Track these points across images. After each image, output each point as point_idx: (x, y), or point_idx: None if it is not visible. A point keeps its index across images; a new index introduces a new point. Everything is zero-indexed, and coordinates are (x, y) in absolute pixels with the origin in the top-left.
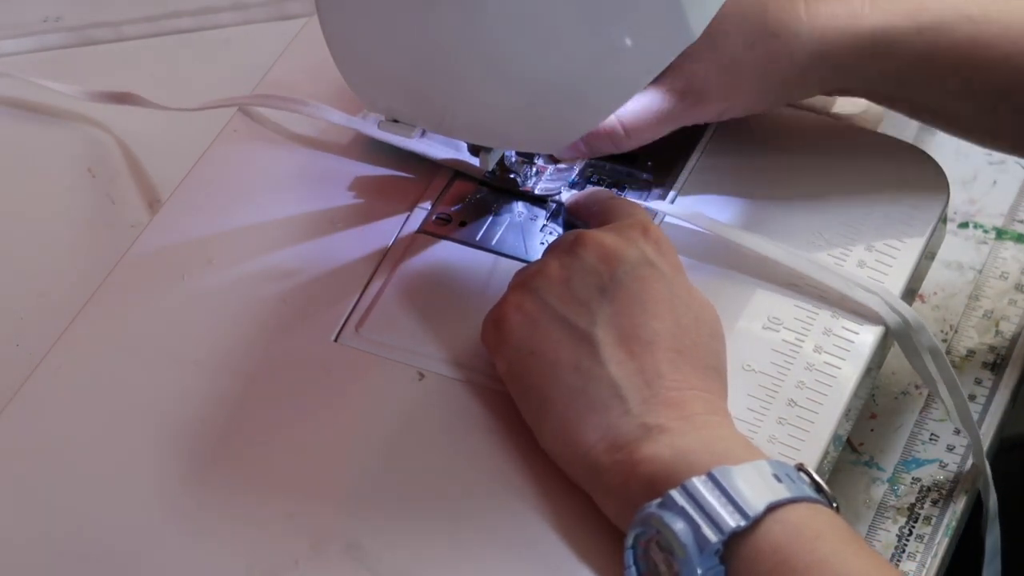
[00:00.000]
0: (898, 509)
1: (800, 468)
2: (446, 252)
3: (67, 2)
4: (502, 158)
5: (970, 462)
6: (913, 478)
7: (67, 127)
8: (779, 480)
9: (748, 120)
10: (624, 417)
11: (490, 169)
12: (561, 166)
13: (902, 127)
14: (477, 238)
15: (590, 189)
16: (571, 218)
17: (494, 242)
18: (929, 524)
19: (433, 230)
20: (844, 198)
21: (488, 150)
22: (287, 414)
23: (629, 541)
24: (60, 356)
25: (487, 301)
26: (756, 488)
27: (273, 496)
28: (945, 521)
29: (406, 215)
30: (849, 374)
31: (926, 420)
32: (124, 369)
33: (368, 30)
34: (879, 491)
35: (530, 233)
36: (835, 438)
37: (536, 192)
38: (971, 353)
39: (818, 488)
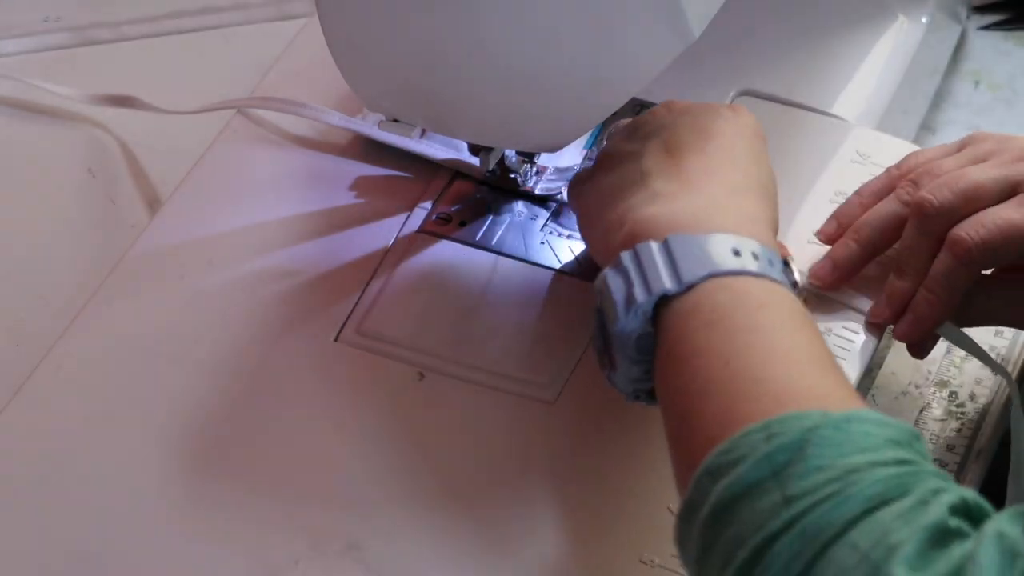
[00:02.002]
0: None
1: (786, 263)
2: (446, 252)
3: (67, 2)
4: (502, 158)
5: (971, 463)
6: None
7: (67, 128)
8: (738, 255)
9: None
10: (642, 191)
11: (490, 169)
12: (561, 166)
13: (901, 126)
14: (477, 238)
15: None
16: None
17: (494, 242)
18: None
19: (433, 230)
20: (843, 197)
21: (488, 150)
22: (287, 414)
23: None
24: (60, 356)
25: (487, 301)
26: (706, 258)
27: (273, 496)
28: None
29: (406, 215)
30: (849, 374)
31: (926, 420)
32: (124, 369)
33: (368, 30)
34: None
35: (530, 233)
36: None
37: (536, 192)
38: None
39: (793, 284)
